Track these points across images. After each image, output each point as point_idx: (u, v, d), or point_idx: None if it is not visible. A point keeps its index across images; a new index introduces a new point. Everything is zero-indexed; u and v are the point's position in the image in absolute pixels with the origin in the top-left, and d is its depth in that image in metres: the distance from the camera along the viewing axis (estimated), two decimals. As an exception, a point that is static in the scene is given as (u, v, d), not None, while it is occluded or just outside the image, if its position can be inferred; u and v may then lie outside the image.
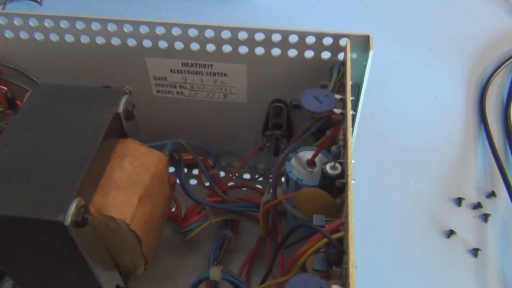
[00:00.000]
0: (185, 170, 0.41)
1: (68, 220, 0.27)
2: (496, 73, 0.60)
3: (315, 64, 0.37)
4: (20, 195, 0.28)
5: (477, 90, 0.59)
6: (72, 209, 0.27)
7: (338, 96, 0.31)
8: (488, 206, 0.50)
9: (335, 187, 0.27)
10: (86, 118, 0.32)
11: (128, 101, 0.34)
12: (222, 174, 0.46)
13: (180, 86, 0.41)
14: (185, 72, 0.39)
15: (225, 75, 0.39)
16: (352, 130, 0.32)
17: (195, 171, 0.48)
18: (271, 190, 0.33)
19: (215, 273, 0.33)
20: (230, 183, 0.44)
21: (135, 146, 0.34)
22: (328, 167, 0.27)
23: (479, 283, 0.45)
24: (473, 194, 0.51)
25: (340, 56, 0.37)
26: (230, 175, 0.45)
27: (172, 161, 0.37)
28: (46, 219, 0.27)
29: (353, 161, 0.26)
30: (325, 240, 0.23)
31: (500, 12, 0.67)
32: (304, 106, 0.29)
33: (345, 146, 0.28)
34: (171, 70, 0.39)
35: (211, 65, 0.38)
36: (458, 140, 0.55)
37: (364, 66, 0.36)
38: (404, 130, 0.54)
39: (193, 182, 0.49)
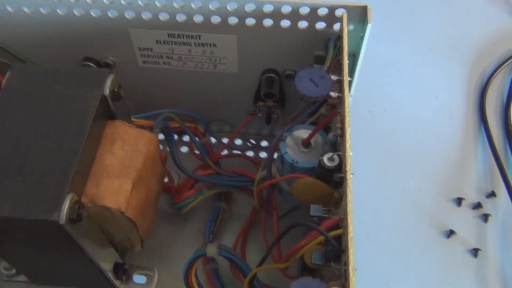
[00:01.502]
0: (176, 136, 0.40)
1: (63, 218, 0.26)
2: (496, 73, 0.60)
3: (309, 34, 0.36)
4: (10, 192, 0.27)
5: (477, 90, 0.59)
6: (66, 206, 0.27)
7: (334, 77, 0.29)
8: (488, 206, 0.50)
9: (332, 178, 0.26)
10: (70, 103, 0.31)
11: (113, 81, 0.32)
12: (213, 140, 0.45)
13: (167, 57, 0.39)
14: (171, 43, 0.38)
15: (214, 45, 0.37)
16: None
17: (186, 138, 0.46)
18: (265, 168, 0.33)
19: (212, 250, 0.33)
20: (223, 153, 0.43)
21: (124, 129, 0.33)
22: (325, 159, 0.26)
23: (479, 283, 0.45)
24: (473, 194, 0.50)
25: (336, 26, 0.35)
26: (222, 146, 0.43)
27: (163, 134, 0.37)
28: (40, 219, 0.26)
29: (351, 154, 0.25)
30: (321, 237, 0.23)
31: (500, 12, 0.67)
32: (299, 91, 0.28)
33: (342, 136, 0.27)
34: (156, 41, 0.38)
35: (199, 36, 0.37)
36: (458, 140, 0.54)
37: (361, 37, 0.34)
38: (404, 130, 0.54)
39: (184, 149, 0.47)
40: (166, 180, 0.41)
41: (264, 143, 0.45)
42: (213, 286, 0.34)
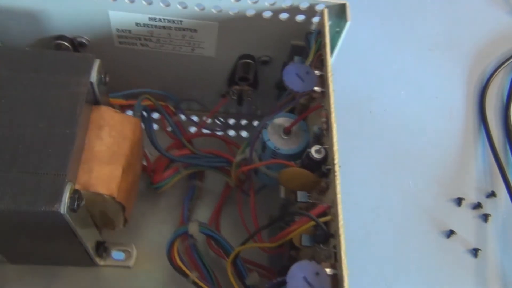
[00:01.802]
0: (145, 113, 0.40)
1: (64, 209, 0.27)
2: (496, 73, 0.60)
3: (289, 25, 0.37)
4: (8, 184, 0.27)
5: (477, 90, 0.59)
6: (66, 197, 0.27)
7: (317, 72, 0.31)
8: (488, 206, 0.50)
9: (319, 169, 0.28)
10: (58, 90, 0.30)
11: (100, 67, 0.32)
12: (183, 117, 0.45)
13: (145, 39, 0.39)
14: (151, 26, 0.38)
15: (195, 31, 0.38)
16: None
17: (156, 115, 0.46)
18: (244, 151, 0.35)
19: (193, 228, 0.34)
20: (194, 130, 0.44)
21: (110, 115, 0.33)
22: (313, 151, 0.28)
23: (479, 283, 0.45)
24: (473, 194, 0.51)
25: (315, 19, 0.36)
26: (197, 125, 0.44)
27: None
28: (42, 210, 0.26)
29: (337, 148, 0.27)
30: (312, 222, 0.26)
31: (500, 12, 0.67)
32: (287, 85, 0.30)
33: (328, 130, 0.28)
34: (136, 24, 0.38)
35: (181, 21, 0.37)
36: (458, 140, 0.55)
37: (337, 32, 0.35)
38: (404, 130, 0.54)
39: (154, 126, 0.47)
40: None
41: (231, 121, 0.46)
42: (192, 260, 0.35)
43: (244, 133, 0.46)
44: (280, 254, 0.35)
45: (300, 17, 0.36)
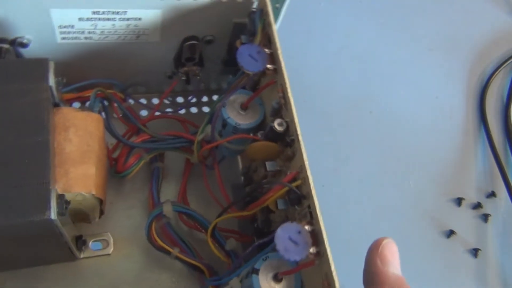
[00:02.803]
0: (105, 103, 0.41)
1: (54, 214, 0.27)
2: (496, 73, 0.60)
3: (230, 4, 0.38)
4: None
5: (477, 90, 0.59)
6: (54, 203, 0.28)
7: (267, 50, 0.33)
8: (488, 206, 0.50)
9: (282, 139, 0.32)
10: (18, 99, 0.30)
11: (56, 71, 0.32)
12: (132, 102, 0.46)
13: (89, 32, 0.39)
14: (95, 19, 0.38)
15: (139, 19, 0.39)
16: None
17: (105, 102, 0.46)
18: (204, 130, 0.38)
19: (167, 208, 0.36)
20: (146, 114, 0.45)
21: (73, 115, 0.34)
22: (276, 124, 0.31)
23: (479, 283, 0.45)
24: (473, 194, 0.51)
25: None
26: (151, 111, 0.45)
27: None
28: (34, 220, 0.27)
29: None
30: (286, 188, 0.29)
31: (500, 12, 0.67)
32: (243, 67, 0.32)
33: (286, 104, 0.31)
34: (79, 19, 0.38)
35: (125, 11, 0.38)
36: (458, 140, 0.55)
37: (277, 8, 0.37)
38: (404, 130, 0.54)
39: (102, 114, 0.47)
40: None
41: (179, 99, 0.48)
42: (170, 238, 0.37)
43: (193, 110, 0.47)
44: (250, 220, 0.38)
45: None
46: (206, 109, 0.47)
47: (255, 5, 0.38)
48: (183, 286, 0.37)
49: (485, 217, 0.49)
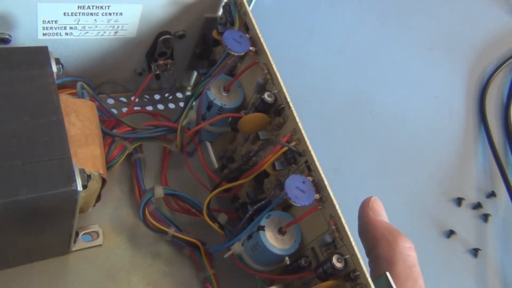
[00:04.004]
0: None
1: (80, 186, 0.28)
2: (496, 73, 0.60)
3: (203, 0, 0.40)
4: (17, 175, 0.28)
5: (477, 90, 0.59)
6: (78, 175, 0.29)
7: (247, 35, 0.36)
8: (488, 206, 0.50)
9: (271, 109, 0.35)
10: (26, 84, 0.31)
11: (55, 57, 0.33)
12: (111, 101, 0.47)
13: (70, 28, 0.40)
14: (79, 14, 0.39)
15: (121, 14, 0.40)
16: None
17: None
18: (187, 116, 0.39)
19: (159, 191, 0.38)
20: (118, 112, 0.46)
21: (72, 101, 0.35)
22: (266, 96, 0.34)
23: (479, 283, 0.45)
24: (473, 194, 0.51)
25: None
26: (127, 108, 0.45)
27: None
28: (61, 191, 0.28)
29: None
30: (284, 149, 0.32)
31: (500, 12, 0.67)
32: (231, 49, 0.35)
33: (272, 78, 0.34)
34: (64, 14, 0.38)
35: (109, 6, 0.39)
36: (458, 140, 0.55)
37: None
38: (404, 130, 0.54)
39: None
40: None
41: (157, 96, 0.49)
42: (160, 221, 0.39)
43: (172, 105, 0.48)
44: (230, 200, 0.40)
45: None
46: (172, 105, 0.48)
47: None
48: (176, 267, 0.39)
49: (485, 217, 0.49)
